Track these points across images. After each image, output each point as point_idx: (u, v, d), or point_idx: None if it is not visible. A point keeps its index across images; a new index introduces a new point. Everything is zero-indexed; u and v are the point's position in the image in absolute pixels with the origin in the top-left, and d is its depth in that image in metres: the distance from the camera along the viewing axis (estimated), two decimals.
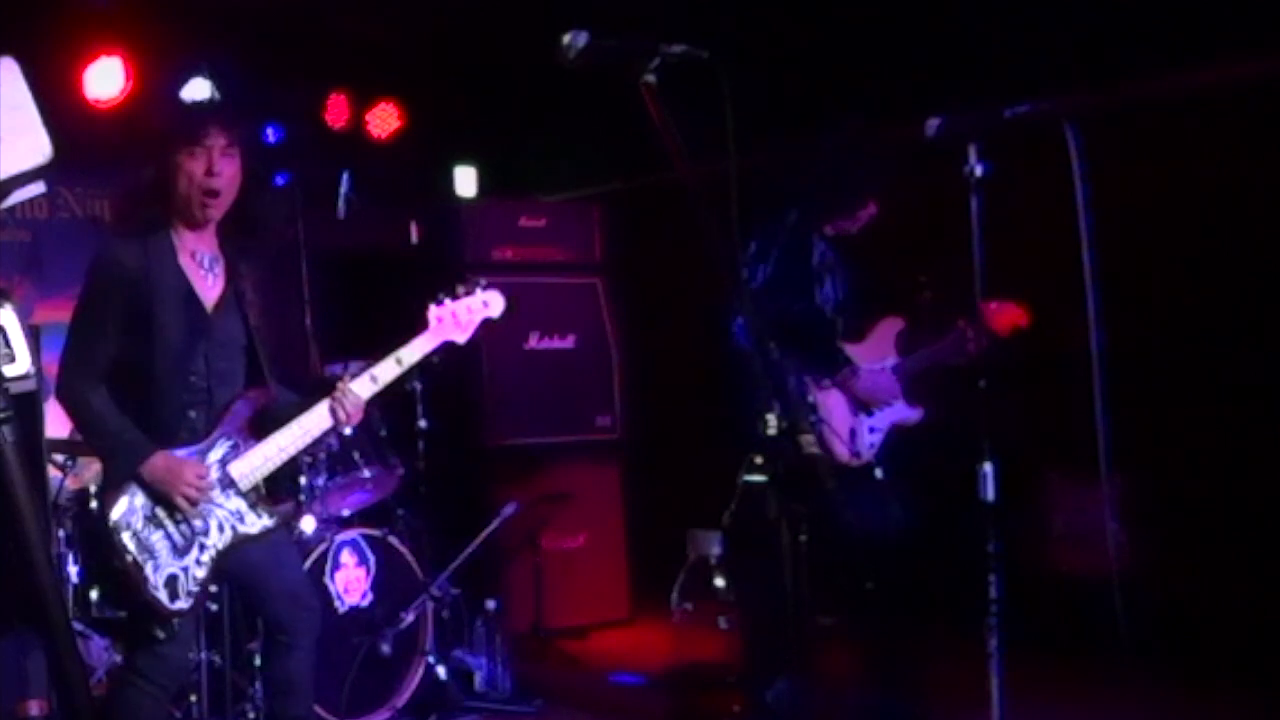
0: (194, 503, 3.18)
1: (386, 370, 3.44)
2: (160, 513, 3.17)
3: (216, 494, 3.26)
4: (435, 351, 3.55)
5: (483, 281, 3.67)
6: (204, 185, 3.23)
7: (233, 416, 3.31)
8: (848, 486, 3.92)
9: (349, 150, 6.48)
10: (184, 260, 3.29)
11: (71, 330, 3.24)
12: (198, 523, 3.22)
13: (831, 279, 4.20)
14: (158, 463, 3.15)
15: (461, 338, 3.59)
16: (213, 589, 3.81)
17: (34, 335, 3.49)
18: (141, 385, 3.21)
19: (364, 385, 3.40)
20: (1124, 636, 3.25)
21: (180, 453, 3.22)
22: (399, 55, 6.56)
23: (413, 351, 3.48)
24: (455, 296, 3.58)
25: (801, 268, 4.13)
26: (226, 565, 3.27)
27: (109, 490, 3.17)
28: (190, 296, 3.27)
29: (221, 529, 3.26)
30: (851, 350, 4.18)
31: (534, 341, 6.37)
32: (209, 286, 3.32)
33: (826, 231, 4.21)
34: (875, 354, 4.22)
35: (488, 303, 3.65)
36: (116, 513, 3.13)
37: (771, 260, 4.08)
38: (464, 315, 3.58)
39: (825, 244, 4.20)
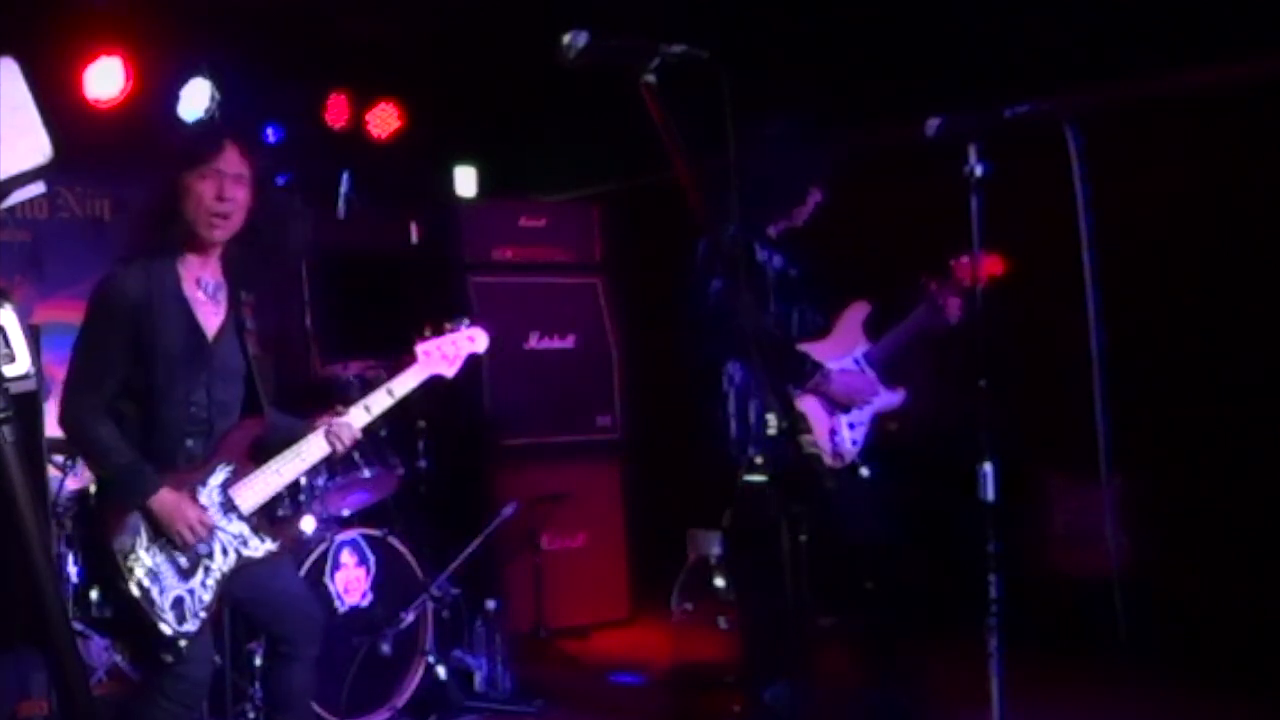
0: (193, 543, 3.17)
1: (379, 401, 3.53)
2: (163, 536, 3.17)
3: (219, 518, 3.26)
4: (424, 384, 3.65)
5: (465, 320, 3.74)
6: (212, 209, 3.21)
7: (230, 444, 3.32)
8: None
9: (349, 150, 6.48)
10: (188, 289, 3.27)
11: (75, 358, 3.21)
12: (202, 546, 3.21)
13: (777, 287, 4.12)
14: (165, 499, 3.14)
15: (449, 371, 3.69)
16: None
17: (34, 335, 3.50)
18: (142, 413, 3.20)
19: (359, 415, 3.47)
20: (1124, 636, 3.26)
21: (180, 481, 3.21)
22: (399, 55, 6.56)
23: (403, 384, 3.59)
24: (440, 333, 3.68)
25: (750, 280, 4.08)
26: (231, 587, 3.27)
27: (110, 516, 3.14)
28: (193, 326, 3.25)
29: (225, 552, 3.26)
30: (819, 348, 4.10)
31: (534, 341, 6.37)
32: (212, 315, 3.31)
33: (770, 234, 4.14)
34: (844, 346, 4.15)
35: (473, 338, 3.75)
36: (120, 537, 3.11)
37: (718, 274, 3.97)
38: (449, 350, 3.68)
39: (769, 249, 4.12)
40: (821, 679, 3.46)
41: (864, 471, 4.10)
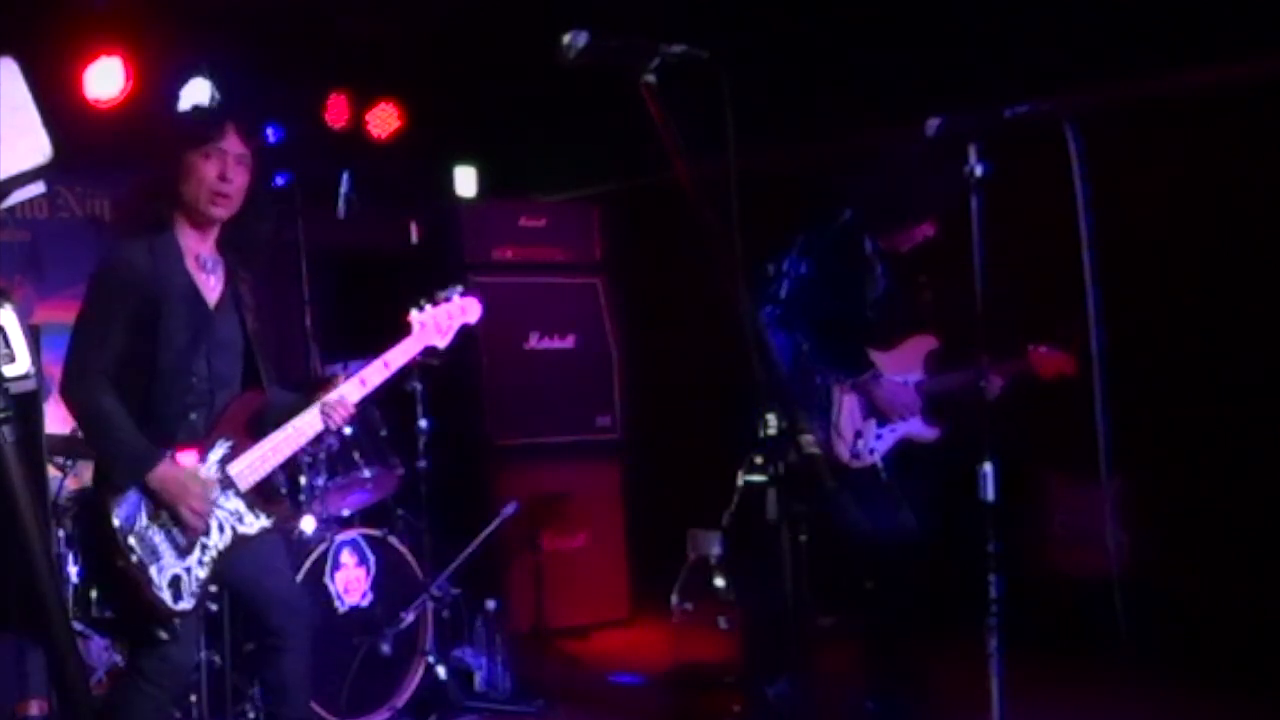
0: (200, 517, 3.19)
1: (374, 373, 3.52)
2: (163, 514, 3.18)
3: (217, 495, 3.27)
4: (419, 355, 3.64)
5: (459, 289, 3.74)
6: (214, 188, 3.25)
7: (230, 418, 3.33)
8: (844, 487, 3.93)
9: (349, 150, 6.48)
10: (189, 263, 3.31)
11: (78, 329, 3.23)
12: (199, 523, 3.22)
13: (873, 280, 4.19)
14: (165, 473, 3.14)
15: (442, 342, 3.68)
16: (213, 589, 3.82)
17: (34, 335, 3.49)
18: (143, 385, 3.21)
19: (353, 388, 3.47)
20: (1124, 636, 3.26)
21: (181, 456, 3.22)
22: (399, 55, 6.56)
23: (397, 356, 3.57)
24: (435, 303, 3.68)
25: (846, 267, 4.13)
26: (224, 568, 3.28)
27: (110, 492, 3.15)
28: (195, 298, 3.29)
29: (221, 529, 3.27)
30: (878, 357, 4.18)
31: (534, 341, 6.37)
32: (211, 288, 3.34)
33: (877, 240, 4.21)
34: (901, 366, 4.21)
35: (465, 309, 3.74)
36: (119, 514, 3.13)
37: (816, 256, 4.08)
38: (444, 321, 3.67)
39: (877, 249, 4.20)
40: (822, 679, 3.46)
41: (881, 475, 4.13)
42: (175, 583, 3.16)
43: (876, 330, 4.21)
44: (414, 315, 3.62)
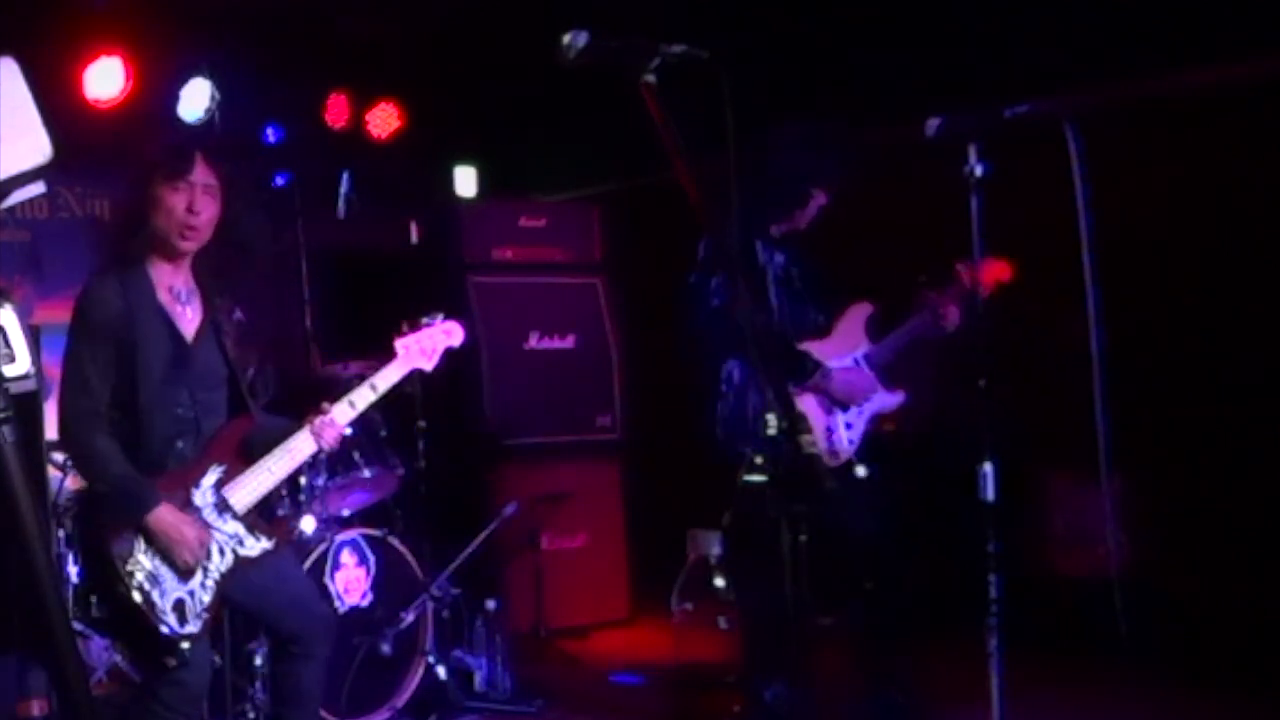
0: (192, 565, 3.18)
1: (362, 396, 3.54)
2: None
3: (214, 519, 3.27)
4: (406, 379, 3.67)
5: (440, 315, 3.76)
6: (183, 221, 3.24)
7: (220, 443, 3.33)
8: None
9: (349, 150, 6.48)
10: (162, 296, 3.29)
11: (67, 372, 3.22)
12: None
13: (778, 285, 4.16)
14: (163, 517, 3.14)
15: (427, 365, 3.69)
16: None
17: (34, 335, 3.49)
18: (127, 420, 3.21)
19: (343, 411, 3.48)
20: (1124, 636, 3.26)
21: (173, 505, 3.20)
22: (399, 55, 6.56)
23: (384, 379, 3.59)
24: (417, 328, 3.70)
25: (748, 278, 4.09)
26: (230, 589, 3.27)
27: (109, 522, 3.14)
28: (171, 331, 3.28)
29: (223, 553, 3.27)
30: (819, 348, 4.13)
31: (534, 341, 6.37)
32: (187, 320, 3.33)
33: (773, 234, 4.18)
34: (845, 345, 4.18)
35: (448, 333, 3.76)
36: (119, 543, 3.11)
37: (718, 273, 4.03)
38: (427, 344, 3.69)
39: (771, 248, 4.15)
40: (821, 679, 3.46)
41: (860, 471, 4.10)
42: (179, 607, 3.15)
43: (807, 323, 4.18)
44: (397, 340, 3.65)
